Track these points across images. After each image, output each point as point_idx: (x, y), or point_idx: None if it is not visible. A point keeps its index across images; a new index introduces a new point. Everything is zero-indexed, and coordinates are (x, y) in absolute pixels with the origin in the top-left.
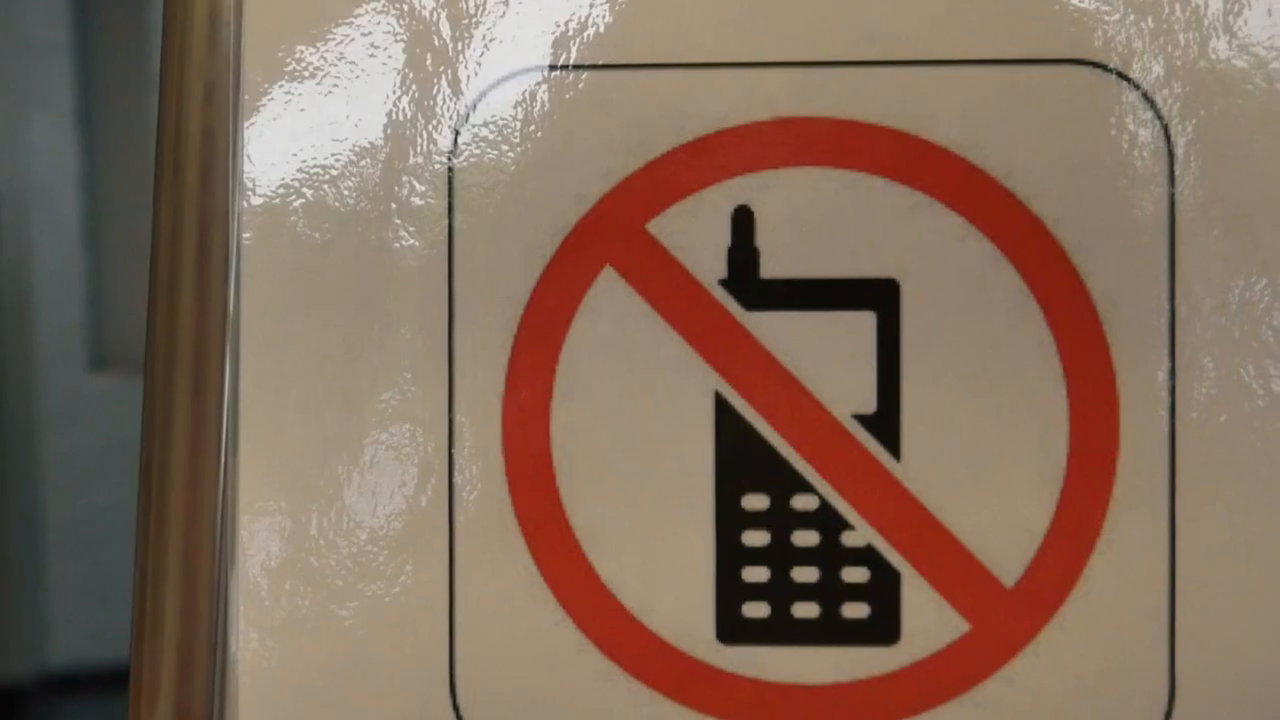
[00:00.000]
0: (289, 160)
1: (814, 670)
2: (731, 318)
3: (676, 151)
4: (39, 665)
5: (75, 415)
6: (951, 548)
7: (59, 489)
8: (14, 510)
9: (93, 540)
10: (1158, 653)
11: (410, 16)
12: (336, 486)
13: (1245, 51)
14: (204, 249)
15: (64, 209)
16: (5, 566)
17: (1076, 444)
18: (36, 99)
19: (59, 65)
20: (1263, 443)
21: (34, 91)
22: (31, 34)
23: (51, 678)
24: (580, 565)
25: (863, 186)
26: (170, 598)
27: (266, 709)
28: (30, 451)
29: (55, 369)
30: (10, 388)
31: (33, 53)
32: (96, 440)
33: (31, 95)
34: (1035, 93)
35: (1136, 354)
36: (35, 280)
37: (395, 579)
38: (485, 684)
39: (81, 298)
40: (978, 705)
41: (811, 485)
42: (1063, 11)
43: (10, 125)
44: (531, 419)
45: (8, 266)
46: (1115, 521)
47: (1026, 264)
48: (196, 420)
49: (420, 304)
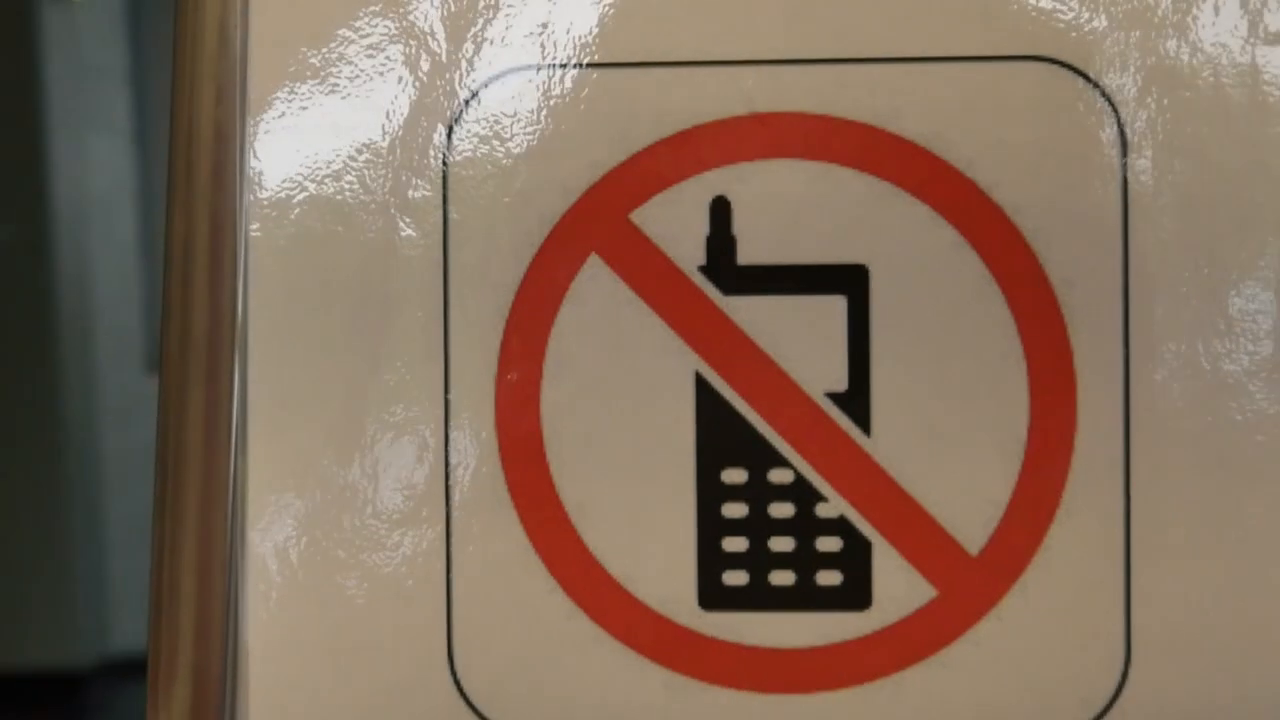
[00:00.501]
0: (293, 156)
1: (790, 635)
2: (710, 302)
3: (657, 145)
4: (100, 652)
5: (132, 414)
6: (919, 518)
7: (117, 483)
8: (75, 504)
9: (149, 532)
10: (1114, 616)
11: (406, 20)
12: (340, 466)
13: (1194, 48)
14: (216, 242)
15: (121, 222)
16: (67, 558)
17: (1036, 419)
18: (95, 120)
19: (116, 88)
20: (1213, 418)
21: (93, 113)
22: (90, 60)
23: (112, 664)
24: (570, 537)
25: (833, 177)
26: (186, 576)
27: (277, 676)
28: (90, 449)
29: (113, 370)
30: (71, 388)
31: (91, 77)
32: (152, 438)
33: (90, 117)
34: (996, 88)
35: (1093, 334)
36: (95, 288)
37: (395, 552)
38: (481, 650)
39: (138, 303)
40: (945, 667)
41: (787, 460)
42: (1022, 11)
43: (71, 145)
44: (523, 399)
45: (70, 276)
46: (1074, 493)
47: (988, 250)
48: (210, 405)
49: (417, 291)
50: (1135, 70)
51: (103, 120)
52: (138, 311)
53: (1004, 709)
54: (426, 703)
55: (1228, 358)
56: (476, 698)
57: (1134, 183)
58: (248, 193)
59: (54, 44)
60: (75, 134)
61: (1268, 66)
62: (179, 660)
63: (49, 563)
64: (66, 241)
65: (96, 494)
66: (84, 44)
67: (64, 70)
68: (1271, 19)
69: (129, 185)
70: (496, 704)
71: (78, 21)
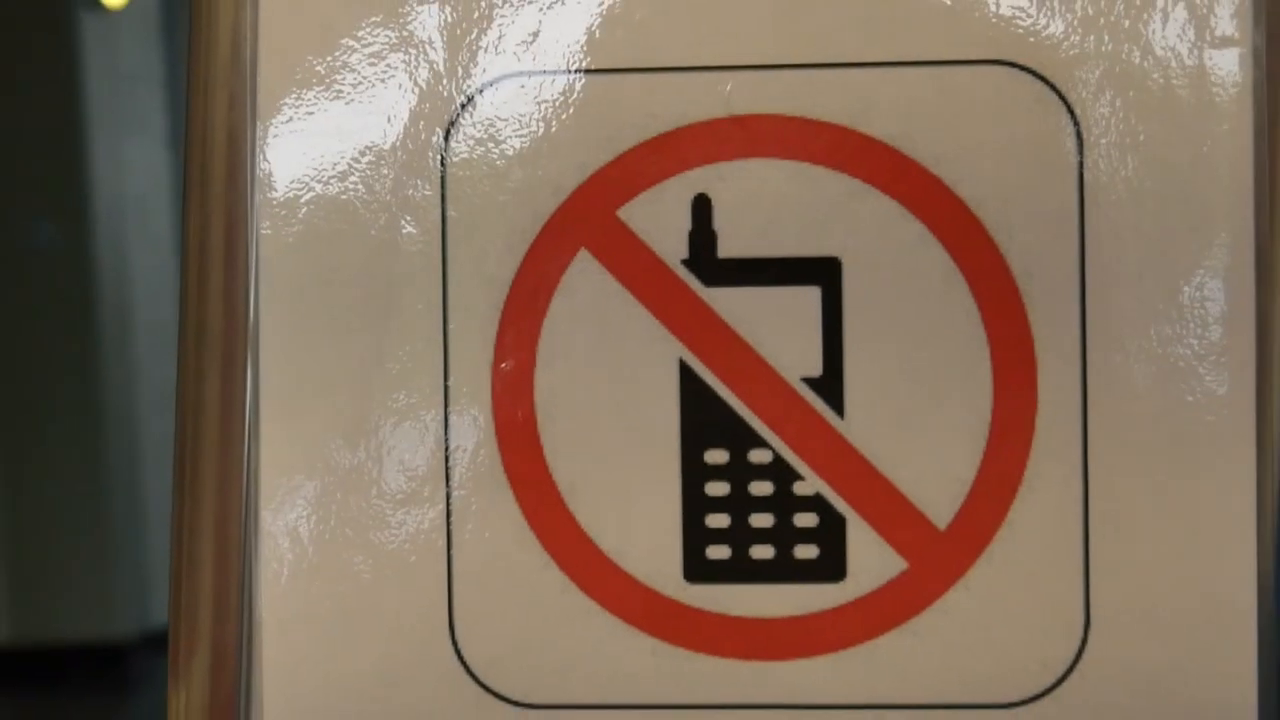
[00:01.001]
0: (301, 159)
1: (770, 605)
2: (693, 293)
3: (642, 146)
4: (140, 625)
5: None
6: (890, 495)
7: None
8: (117, 486)
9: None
10: (1074, 586)
11: (406, 30)
12: (347, 449)
13: (1145, 51)
14: (230, 240)
15: (158, 220)
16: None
17: (999, 401)
18: (132, 125)
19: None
20: (1166, 399)
21: (130, 118)
22: (127, 68)
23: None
24: (563, 515)
25: (808, 175)
26: (204, 555)
27: (289, 647)
28: (131, 434)
29: (151, 360)
30: (113, 377)
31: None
32: None
33: (128, 121)
34: (960, 90)
35: (1052, 321)
36: (133, 282)
37: (399, 530)
38: (480, 622)
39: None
40: (916, 635)
41: (766, 441)
42: (984, 18)
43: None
44: (517, 386)
45: (110, 271)
46: (1035, 470)
47: (953, 243)
48: (225, 393)
49: (418, 285)
50: (1090, 73)
51: (139, 124)
52: (173, 305)
53: (971, 674)
54: (429, 672)
55: (1179, 342)
56: (476, 667)
57: (1090, 179)
58: (258, 193)
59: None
60: (113, 137)
61: (1215, 68)
62: (198, 633)
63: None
64: (106, 239)
65: (136, 478)
66: (121, 52)
67: (102, 77)
68: (1218, 24)
69: (164, 185)
70: (495, 673)
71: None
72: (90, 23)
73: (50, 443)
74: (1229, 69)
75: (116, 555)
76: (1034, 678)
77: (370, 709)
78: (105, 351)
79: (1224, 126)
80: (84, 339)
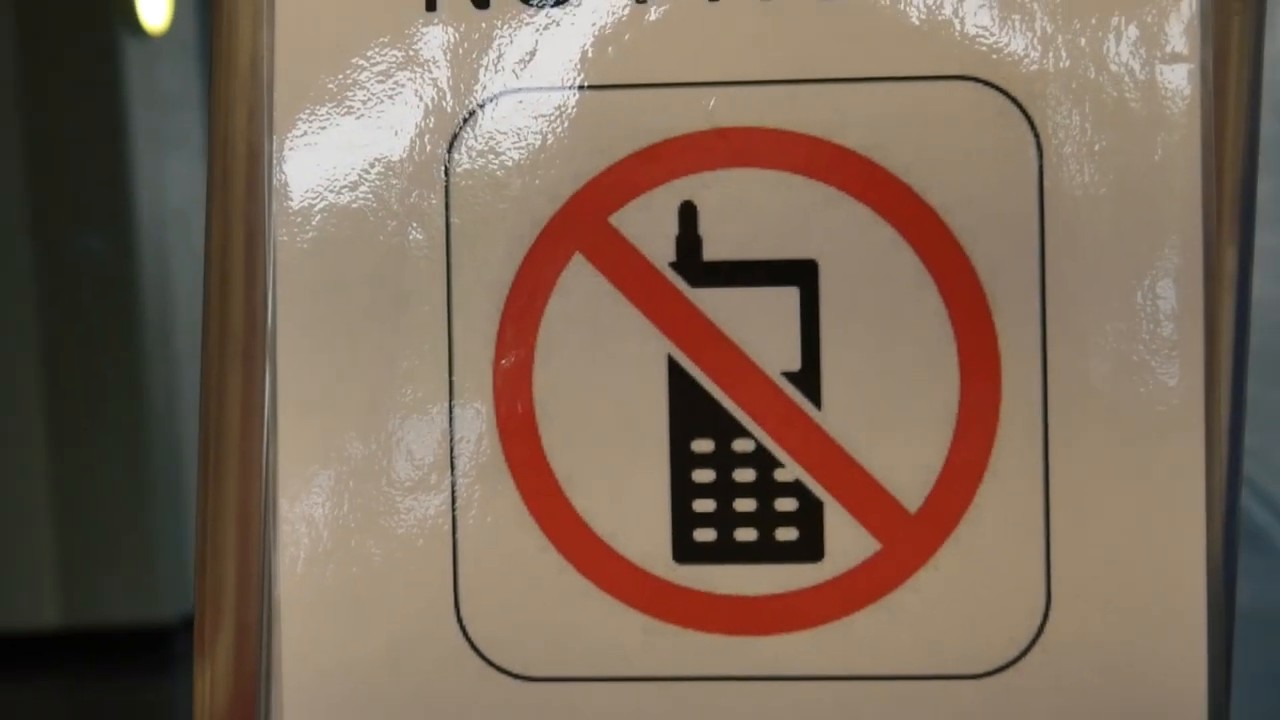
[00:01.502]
0: (315, 170)
1: (753, 584)
2: (680, 294)
3: (632, 157)
4: (182, 608)
5: None
6: (865, 481)
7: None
8: (159, 478)
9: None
10: (1036, 566)
11: (412, 50)
12: (358, 441)
13: (1100, 67)
14: (250, 247)
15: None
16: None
17: (966, 394)
18: (172, 141)
19: (190, 113)
20: (1120, 391)
21: (170, 135)
22: (167, 89)
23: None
24: (560, 501)
25: (786, 183)
26: (227, 540)
27: (306, 625)
28: (172, 429)
29: (190, 360)
30: (155, 376)
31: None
32: None
33: (168, 139)
34: (928, 104)
35: (1014, 318)
36: (173, 288)
37: (407, 516)
38: (484, 600)
39: None
40: (889, 612)
41: (749, 431)
42: (950, 37)
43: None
44: (517, 380)
45: (152, 278)
46: (999, 458)
47: (922, 246)
48: (246, 389)
49: (424, 287)
50: (1050, 88)
51: (178, 141)
52: None
53: (940, 647)
54: (436, 647)
55: (1133, 338)
56: (480, 642)
57: (1049, 186)
58: (275, 202)
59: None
60: (154, 153)
61: (1165, 83)
62: (222, 614)
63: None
64: (148, 248)
65: (177, 469)
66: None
67: (144, 97)
68: (1168, 42)
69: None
70: (497, 647)
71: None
72: (132, 47)
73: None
74: (1179, 84)
75: (159, 543)
76: (999, 651)
77: (382, 681)
78: (148, 353)
79: (1174, 137)
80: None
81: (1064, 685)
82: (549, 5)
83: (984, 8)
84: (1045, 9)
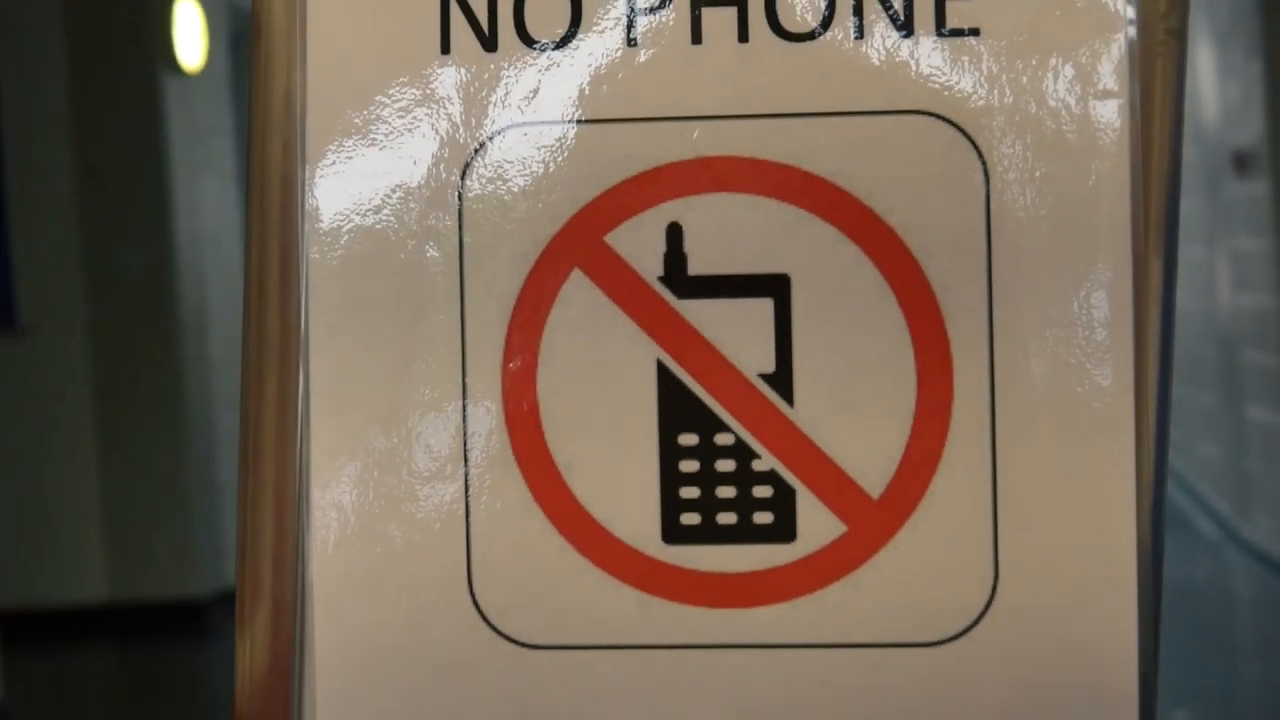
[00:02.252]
0: (342, 195)
1: (734, 562)
2: (668, 305)
3: (624, 183)
4: (217, 585)
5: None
6: (832, 470)
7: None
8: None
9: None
10: (985, 545)
11: (429, 88)
12: (382, 436)
13: (1039, 102)
14: (285, 264)
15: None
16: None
17: (922, 392)
18: (207, 168)
19: (224, 142)
20: (1059, 390)
21: (205, 162)
22: (202, 119)
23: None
24: (561, 488)
25: (762, 206)
26: (265, 525)
27: (335, 602)
28: (208, 428)
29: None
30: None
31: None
32: None
33: (203, 165)
34: (888, 135)
35: (965, 325)
36: (208, 303)
37: (426, 502)
38: (494, 578)
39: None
40: (854, 587)
41: (729, 426)
42: (907, 76)
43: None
44: (523, 381)
45: (189, 294)
46: (952, 449)
47: (883, 261)
48: (281, 390)
49: (440, 299)
50: (995, 121)
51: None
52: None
53: (900, 618)
54: (451, 619)
55: (1070, 343)
56: (491, 615)
57: (995, 208)
58: (308, 224)
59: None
60: (191, 179)
61: (1098, 117)
62: (261, 592)
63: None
64: (185, 266)
65: (212, 460)
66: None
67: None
68: (1100, 80)
69: (234, 219)
70: (507, 619)
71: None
72: (171, 83)
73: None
74: (1110, 117)
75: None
76: (953, 621)
77: (403, 649)
78: (186, 357)
79: (1106, 164)
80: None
81: (1011, 651)
82: (550, 48)
83: (937, 50)
84: (991, 51)
